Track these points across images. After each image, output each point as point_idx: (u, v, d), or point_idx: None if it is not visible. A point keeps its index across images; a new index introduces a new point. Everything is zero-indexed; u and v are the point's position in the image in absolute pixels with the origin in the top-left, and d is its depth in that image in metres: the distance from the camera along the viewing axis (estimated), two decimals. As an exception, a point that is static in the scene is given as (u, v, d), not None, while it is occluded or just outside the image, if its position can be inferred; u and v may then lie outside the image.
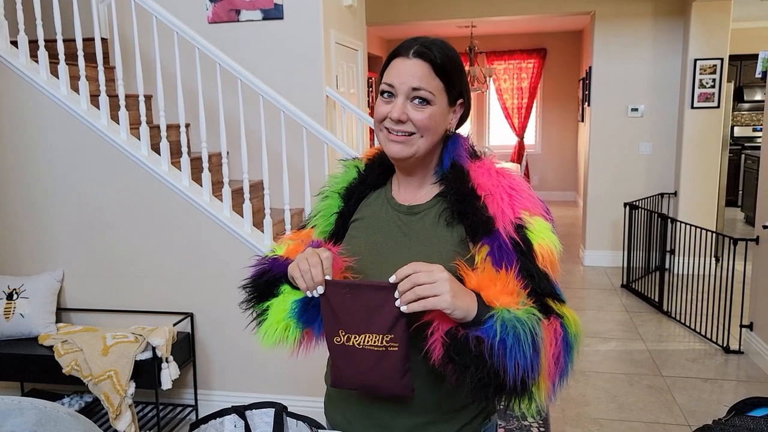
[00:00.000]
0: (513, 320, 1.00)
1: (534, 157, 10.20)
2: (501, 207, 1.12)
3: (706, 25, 5.44)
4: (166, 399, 3.35)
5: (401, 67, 1.15)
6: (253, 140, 3.62)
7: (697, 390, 3.51)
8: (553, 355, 1.05)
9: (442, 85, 1.16)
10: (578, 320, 1.12)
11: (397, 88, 1.14)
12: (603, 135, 6.01)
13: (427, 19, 6.26)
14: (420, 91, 1.13)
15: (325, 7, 3.77)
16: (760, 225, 3.81)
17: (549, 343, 1.04)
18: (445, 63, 1.15)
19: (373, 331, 1.07)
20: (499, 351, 0.98)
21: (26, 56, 3.23)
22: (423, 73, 1.14)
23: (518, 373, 0.99)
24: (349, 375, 1.12)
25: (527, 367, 0.99)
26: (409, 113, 1.14)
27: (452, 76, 1.17)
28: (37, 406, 0.64)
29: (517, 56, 9.92)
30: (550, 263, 1.11)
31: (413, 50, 1.14)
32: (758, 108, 9.11)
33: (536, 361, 1.01)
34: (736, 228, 7.71)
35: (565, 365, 1.08)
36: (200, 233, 3.17)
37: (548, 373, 1.05)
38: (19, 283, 3.22)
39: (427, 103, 1.14)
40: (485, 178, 1.17)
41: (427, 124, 1.15)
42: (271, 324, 1.19)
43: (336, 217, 1.31)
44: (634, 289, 5.28)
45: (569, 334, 1.09)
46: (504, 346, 0.98)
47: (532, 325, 1.01)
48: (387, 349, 1.07)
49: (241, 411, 1.53)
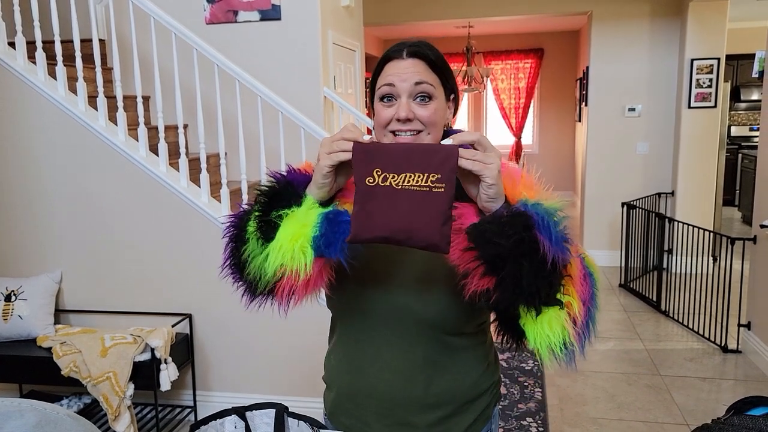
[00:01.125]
0: (540, 202, 1.01)
1: (531, 157, 10.21)
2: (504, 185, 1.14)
3: (702, 25, 5.45)
4: (164, 400, 3.35)
5: (399, 67, 1.16)
6: (251, 141, 3.61)
7: (695, 389, 3.52)
8: (580, 272, 1.03)
9: (439, 80, 1.18)
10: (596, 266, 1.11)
11: (399, 87, 1.15)
12: (600, 135, 6.02)
13: (425, 20, 6.27)
14: (423, 85, 1.15)
15: (322, 8, 3.78)
16: (758, 224, 3.82)
17: (574, 253, 1.03)
18: (437, 59, 1.18)
19: (416, 170, 0.98)
20: (532, 216, 0.97)
21: (24, 58, 3.23)
22: (421, 69, 1.16)
23: (552, 248, 0.96)
24: (380, 221, 0.99)
25: (559, 247, 0.97)
26: (415, 111, 1.15)
27: (445, 72, 1.20)
28: (36, 407, 0.64)
29: (515, 56, 9.93)
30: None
31: (406, 51, 1.17)
32: (755, 107, 9.12)
33: (565, 248, 0.98)
34: (734, 227, 7.72)
35: (593, 293, 1.04)
36: (198, 234, 3.17)
37: (579, 290, 1.02)
38: (17, 284, 3.22)
39: (430, 99, 1.15)
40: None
41: (433, 118, 1.16)
42: (285, 240, 1.06)
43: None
44: (632, 288, 5.29)
45: (588, 265, 1.08)
46: (537, 216, 0.98)
47: (554, 209, 1.02)
48: (431, 190, 0.97)
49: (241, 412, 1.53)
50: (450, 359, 1.20)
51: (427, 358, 1.19)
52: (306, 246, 1.05)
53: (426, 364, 1.19)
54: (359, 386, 1.24)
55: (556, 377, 3.70)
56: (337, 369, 1.30)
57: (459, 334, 1.21)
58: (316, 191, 1.08)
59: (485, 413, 1.27)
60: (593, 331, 1.04)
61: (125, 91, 3.78)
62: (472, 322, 1.21)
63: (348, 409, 1.28)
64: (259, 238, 1.09)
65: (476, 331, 1.25)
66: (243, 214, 1.17)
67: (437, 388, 1.20)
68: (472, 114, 10.51)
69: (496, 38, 9.92)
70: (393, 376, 1.20)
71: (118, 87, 3.19)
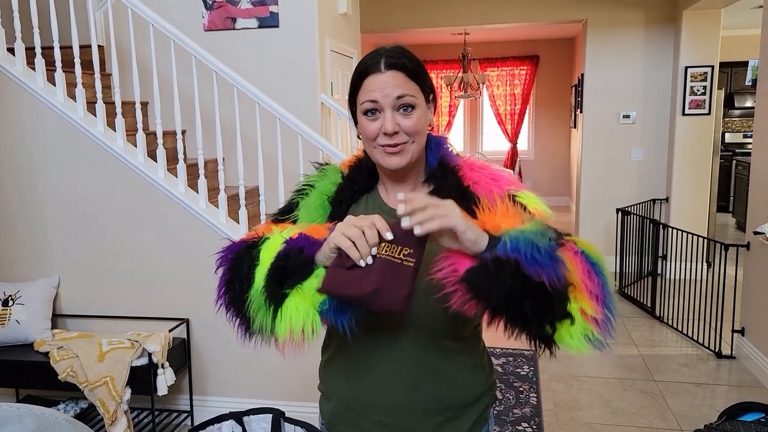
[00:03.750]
0: (520, 232, 1.01)
1: (527, 163, 10.25)
2: (489, 188, 1.19)
3: (696, 33, 5.50)
4: (161, 405, 3.35)
5: (378, 82, 1.17)
6: (248, 147, 3.63)
7: (689, 395, 3.54)
8: (583, 270, 1.02)
9: (418, 87, 1.20)
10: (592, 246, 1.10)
11: (381, 102, 1.17)
12: (595, 141, 6.05)
13: (421, 27, 6.30)
14: (405, 98, 1.17)
15: (320, 15, 3.80)
16: (751, 231, 3.85)
17: (570, 258, 1.02)
18: (415, 66, 1.20)
19: (393, 242, 1.05)
20: (516, 259, 0.97)
21: (23, 63, 3.24)
22: (401, 81, 1.18)
23: (543, 276, 0.96)
24: (349, 280, 1.05)
25: (550, 272, 0.97)
26: (400, 122, 1.18)
27: (422, 77, 1.22)
28: (35, 412, 0.64)
29: (510, 63, 9.98)
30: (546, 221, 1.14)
31: (384, 63, 1.18)
32: (749, 114, 9.18)
33: (558, 267, 0.98)
34: (728, 234, 7.76)
35: (603, 283, 1.04)
36: (196, 240, 3.18)
37: (588, 291, 1.01)
38: (14, 289, 3.23)
39: (412, 108, 1.18)
40: (469, 172, 1.24)
41: (417, 127, 1.19)
42: (298, 310, 1.08)
43: (330, 221, 1.27)
44: (627, 294, 5.31)
45: (590, 256, 1.06)
46: (519, 253, 0.97)
47: (542, 232, 1.01)
48: (402, 263, 1.04)
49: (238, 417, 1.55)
50: (449, 364, 1.22)
51: (427, 365, 1.20)
52: (316, 316, 1.08)
53: (426, 370, 1.20)
54: (359, 395, 1.24)
55: (551, 382, 3.72)
56: (336, 379, 1.31)
57: (456, 338, 1.23)
58: (324, 261, 1.10)
59: (483, 415, 1.30)
60: (614, 311, 1.04)
61: (124, 97, 3.80)
62: (468, 325, 1.24)
63: (348, 419, 1.28)
64: (266, 299, 1.10)
65: (472, 334, 1.27)
66: (241, 248, 1.17)
67: (438, 394, 1.22)
68: (468, 120, 10.54)
69: (491, 45, 9.97)
70: (394, 383, 1.21)
71: (117, 93, 3.20)
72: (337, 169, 1.35)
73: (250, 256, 1.14)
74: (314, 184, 1.33)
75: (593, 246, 1.09)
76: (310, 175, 1.37)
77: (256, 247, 1.15)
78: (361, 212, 1.28)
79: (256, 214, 3.67)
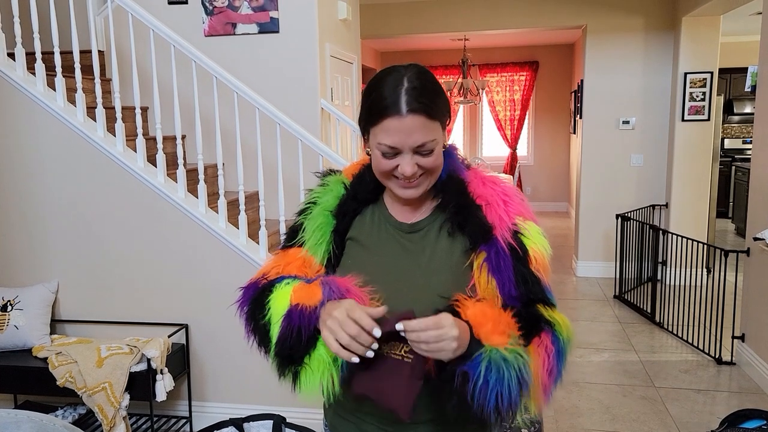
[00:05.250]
0: (499, 361, 1.05)
1: (526, 169, 10.26)
2: (499, 214, 1.17)
3: (695, 40, 5.51)
4: (160, 411, 3.34)
5: (399, 127, 1.11)
6: (248, 152, 3.63)
7: (689, 401, 3.53)
8: (546, 370, 1.10)
9: (438, 123, 1.15)
10: (568, 323, 1.17)
11: (401, 146, 1.13)
12: (595, 147, 6.06)
13: (421, 32, 6.32)
14: (426, 145, 1.13)
15: (320, 21, 3.81)
16: (751, 237, 3.85)
17: (541, 364, 1.10)
18: (434, 104, 1.13)
19: (398, 339, 1.08)
20: (480, 391, 1.04)
21: (23, 69, 3.24)
22: (422, 126, 1.11)
23: (502, 406, 1.05)
24: (362, 379, 1.11)
25: (512, 402, 1.06)
26: (418, 162, 1.15)
27: (442, 109, 1.15)
28: (33, 419, 0.64)
29: (510, 69, 9.99)
30: (542, 266, 1.17)
31: (405, 105, 1.10)
32: (748, 121, 9.20)
33: (522, 392, 1.07)
34: (728, 239, 7.76)
35: (558, 372, 1.14)
36: (196, 245, 3.18)
37: (542, 386, 1.10)
38: (13, 294, 3.22)
39: (432, 150, 1.14)
40: (480, 187, 1.21)
41: (436, 164, 1.17)
42: (313, 379, 1.14)
43: (334, 236, 1.28)
44: (627, 300, 5.31)
45: (561, 341, 1.14)
46: (485, 387, 1.04)
47: (518, 366, 1.06)
48: (403, 359, 1.09)
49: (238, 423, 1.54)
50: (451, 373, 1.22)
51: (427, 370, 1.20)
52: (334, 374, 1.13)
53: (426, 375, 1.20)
54: (360, 403, 1.23)
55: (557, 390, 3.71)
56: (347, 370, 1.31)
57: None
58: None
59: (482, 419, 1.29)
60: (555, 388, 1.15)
61: (124, 102, 3.80)
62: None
63: (350, 421, 1.28)
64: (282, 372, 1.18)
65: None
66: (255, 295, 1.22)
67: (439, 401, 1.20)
68: (467, 126, 10.55)
69: (491, 51, 9.99)
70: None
71: (117, 98, 3.20)
72: (339, 179, 1.32)
73: (263, 312, 1.18)
74: (317, 201, 1.31)
75: (567, 324, 1.17)
76: (312, 191, 1.34)
77: (267, 298, 1.19)
78: (367, 224, 1.28)
79: (255, 219, 3.67)
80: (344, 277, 1.17)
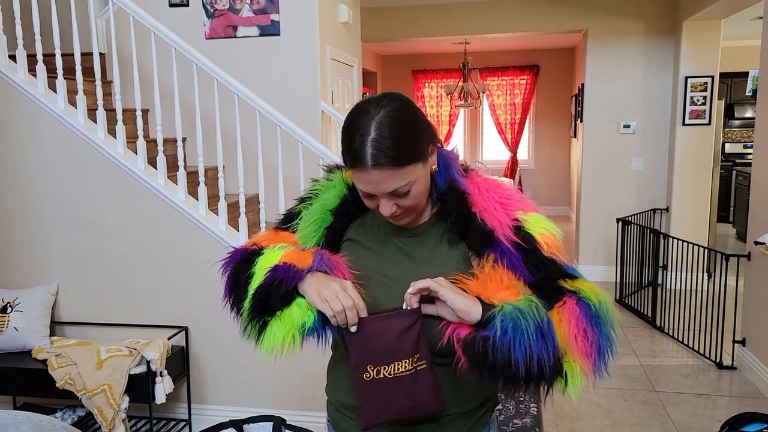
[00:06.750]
0: (514, 311, 1.05)
1: (527, 173, 10.26)
2: (497, 218, 1.17)
3: (696, 44, 5.51)
4: (159, 413, 3.33)
5: (367, 179, 1.11)
6: (249, 154, 3.63)
7: (690, 405, 3.52)
8: (578, 332, 1.07)
9: (411, 165, 1.11)
10: (598, 290, 1.14)
11: (375, 192, 1.13)
12: (595, 151, 6.06)
13: (422, 36, 6.32)
14: (398, 190, 1.12)
15: (321, 24, 3.81)
16: (752, 241, 3.85)
17: (567, 324, 1.07)
18: (404, 150, 1.09)
19: (400, 357, 1.10)
20: (503, 345, 1.03)
21: (24, 71, 3.25)
22: (390, 176, 1.10)
23: (531, 361, 1.03)
24: (384, 408, 1.11)
25: (539, 353, 1.03)
26: (397, 203, 1.15)
27: (415, 150, 1.11)
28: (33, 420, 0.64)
29: (510, 72, 10.00)
30: (555, 248, 1.17)
31: (370, 161, 1.08)
32: (749, 125, 9.20)
33: (549, 346, 1.04)
34: (728, 244, 7.76)
35: (601, 336, 1.09)
36: (196, 247, 3.18)
37: (580, 352, 1.07)
38: (13, 296, 3.21)
39: (408, 191, 1.13)
40: (478, 193, 1.21)
41: (416, 201, 1.16)
42: (277, 334, 1.15)
43: (327, 232, 1.29)
44: (627, 304, 5.30)
45: (591, 306, 1.11)
46: (506, 339, 1.03)
47: (533, 313, 1.05)
48: (417, 370, 1.10)
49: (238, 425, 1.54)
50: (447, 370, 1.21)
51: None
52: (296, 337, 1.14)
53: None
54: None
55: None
56: (339, 382, 1.31)
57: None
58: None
59: (483, 419, 1.29)
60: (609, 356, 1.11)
61: (125, 104, 3.81)
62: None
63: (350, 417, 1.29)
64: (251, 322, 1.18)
65: None
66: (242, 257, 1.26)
67: None
68: (468, 129, 10.56)
69: (492, 54, 10.00)
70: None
71: (118, 100, 3.21)
72: (343, 178, 1.33)
73: (247, 268, 1.21)
74: (318, 194, 1.32)
75: (596, 290, 1.13)
76: (316, 181, 1.36)
77: (255, 258, 1.22)
78: (368, 227, 1.29)
79: (255, 221, 3.67)
80: (340, 256, 1.21)
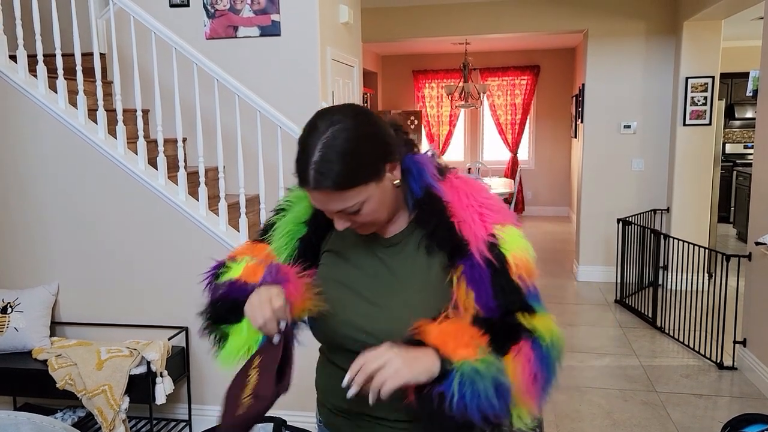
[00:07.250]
0: (471, 373, 1.03)
1: (527, 173, 10.26)
2: (473, 231, 1.14)
3: (697, 44, 5.51)
4: (159, 414, 3.33)
5: (313, 198, 1.11)
6: (249, 155, 3.63)
7: (691, 406, 3.52)
8: (530, 378, 1.09)
9: (359, 186, 1.08)
10: (552, 327, 1.15)
11: (324, 211, 1.14)
12: (596, 151, 6.06)
13: (422, 36, 6.32)
14: (346, 209, 1.10)
15: (321, 25, 3.81)
16: (753, 241, 3.85)
17: (521, 371, 1.09)
18: (348, 174, 1.06)
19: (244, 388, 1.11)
20: (460, 406, 1.02)
21: (25, 71, 3.25)
22: (334, 198, 1.08)
23: (486, 418, 1.04)
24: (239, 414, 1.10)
25: (494, 410, 1.05)
26: (352, 219, 1.13)
27: (363, 171, 1.07)
28: (33, 420, 0.64)
29: (511, 73, 10.00)
30: (525, 270, 1.15)
31: (312, 183, 1.07)
32: (749, 125, 9.20)
33: (504, 402, 1.06)
34: (729, 244, 7.75)
35: (548, 376, 1.13)
36: (196, 248, 3.17)
37: (528, 394, 1.10)
38: (13, 296, 3.21)
39: (359, 209, 1.11)
40: (457, 201, 1.17)
41: (372, 216, 1.14)
42: (233, 348, 1.21)
43: (299, 243, 1.29)
44: (628, 304, 5.30)
45: (543, 347, 1.12)
46: (464, 401, 1.02)
47: (492, 375, 1.05)
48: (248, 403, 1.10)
49: (238, 426, 1.53)
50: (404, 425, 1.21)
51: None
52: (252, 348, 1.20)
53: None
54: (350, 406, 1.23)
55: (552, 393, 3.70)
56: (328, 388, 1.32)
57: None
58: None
59: None
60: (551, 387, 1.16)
61: (125, 104, 3.81)
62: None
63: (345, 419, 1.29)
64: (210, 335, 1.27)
65: None
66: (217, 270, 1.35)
67: None
68: (468, 130, 10.56)
69: (492, 55, 10.00)
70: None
71: (118, 100, 3.21)
72: None
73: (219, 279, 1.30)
74: (291, 205, 1.32)
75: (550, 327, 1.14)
76: (290, 191, 1.34)
77: (226, 270, 1.30)
78: (346, 238, 1.26)
79: (256, 222, 3.67)
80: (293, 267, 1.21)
